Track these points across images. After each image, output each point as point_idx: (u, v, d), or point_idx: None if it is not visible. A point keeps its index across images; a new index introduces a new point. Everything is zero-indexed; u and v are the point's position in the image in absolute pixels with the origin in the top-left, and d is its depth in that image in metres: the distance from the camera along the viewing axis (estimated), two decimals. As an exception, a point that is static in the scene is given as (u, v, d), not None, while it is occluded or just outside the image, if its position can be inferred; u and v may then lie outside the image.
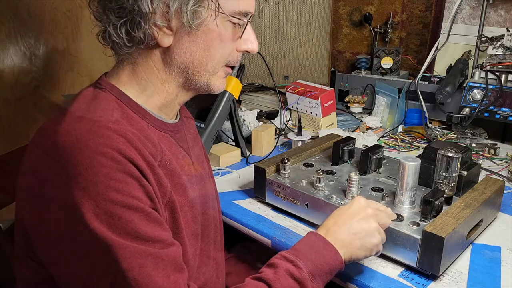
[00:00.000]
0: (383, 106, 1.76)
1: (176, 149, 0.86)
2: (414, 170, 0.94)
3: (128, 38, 0.77)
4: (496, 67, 1.56)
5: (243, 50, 0.85)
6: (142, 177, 0.71)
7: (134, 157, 0.70)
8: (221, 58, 0.82)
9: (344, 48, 2.19)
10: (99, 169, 0.67)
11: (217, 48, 0.80)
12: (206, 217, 0.92)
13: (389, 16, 1.99)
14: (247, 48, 0.85)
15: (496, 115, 1.51)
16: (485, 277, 0.89)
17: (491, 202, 1.03)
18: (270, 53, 1.88)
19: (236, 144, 1.49)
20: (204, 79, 0.83)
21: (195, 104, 1.42)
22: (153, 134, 0.80)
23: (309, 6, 1.88)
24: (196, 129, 1.02)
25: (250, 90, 1.91)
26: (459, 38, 1.80)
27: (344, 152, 1.20)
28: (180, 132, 0.89)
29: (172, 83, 0.83)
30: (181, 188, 0.82)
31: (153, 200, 0.73)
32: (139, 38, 0.76)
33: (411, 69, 1.99)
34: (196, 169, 0.91)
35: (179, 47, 0.79)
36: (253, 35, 0.86)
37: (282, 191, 1.10)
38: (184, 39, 0.78)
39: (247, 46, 0.85)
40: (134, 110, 0.80)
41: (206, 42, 0.79)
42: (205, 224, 0.91)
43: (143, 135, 0.77)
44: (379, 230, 0.86)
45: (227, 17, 0.79)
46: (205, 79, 0.83)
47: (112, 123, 0.72)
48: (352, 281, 0.89)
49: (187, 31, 0.77)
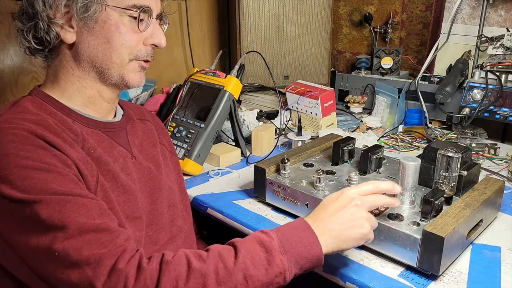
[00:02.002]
0: (383, 106, 1.77)
1: (109, 142, 0.92)
2: (414, 170, 0.94)
3: (36, 41, 0.86)
4: (496, 67, 1.56)
5: (149, 44, 0.91)
6: (56, 149, 0.77)
7: (46, 135, 0.77)
8: (124, 50, 0.88)
9: (344, 48, 2.19)
10: (8, 144, 0.74)
11: (117, 40, 0.87)
12: (156, 207, 0.96)
13: (389, 16, 1.99)
14: (153, 42, 0.91)
15: (496, 115, 1.51)
16: (485, 277, 0.89)
17: (491, 202, 1.03)
18: (270, 53, 1.88)
19: (236, 144, 1.49)
20: (116, 72, 0.89)
21: (195, 104, 1.42)
22: (78, 129, 0.86)
23: (309, 6, 1.88)
24: (153, 130, 1.07)
25: (250, 90, 1.91)
26: (459, 38, 1.80)
27: (344, 152, 1.20)
28: (117, 131, 0.96)
29: (87, 79, 0.90)
30: (109, 174, 0.87)
31: (71, 167, 0.77)
32: (45, 39, 0.85)
33: (411, 69, 1.99)
34: (140, 163, 0.97)
35: (82, 42, 0.86)
36: (158, 30, 0.92)
37: (282, 191, 1.10)
38: (85, 34, 0.86)
39: (153, 40, 0.91)
40: (58, 108, 0.87)
41: (105, 34, 0.86)
42: (153, 214, 0.95)
43: (64, 126, 0.84)
44: (369, 219, 0.84)
45: (120, 10, 0.85)
46: (116, 72, 0.89)
47: (29, 115, 0.81)
48: (352, 281, 0.89)
49: (85, 26, 0.85)
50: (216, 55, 1.56)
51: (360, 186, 0.86)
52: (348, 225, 0.82)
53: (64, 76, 0.90)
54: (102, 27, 0.85)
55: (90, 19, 0.84)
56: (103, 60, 0.88)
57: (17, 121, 0.78)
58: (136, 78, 0.92)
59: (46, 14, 0.83)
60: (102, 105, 0.94)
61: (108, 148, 0.91)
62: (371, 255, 0.96)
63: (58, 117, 0.86)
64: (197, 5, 2.05)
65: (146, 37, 0.90)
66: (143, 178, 0.96)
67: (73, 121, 0.87)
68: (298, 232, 0.80)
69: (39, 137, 0.76)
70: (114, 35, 0.86)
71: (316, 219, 0.83)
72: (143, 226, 0.91)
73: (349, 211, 0.83)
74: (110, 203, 0.83)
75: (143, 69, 0.93)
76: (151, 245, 0.93)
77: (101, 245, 0.71)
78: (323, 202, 0.86)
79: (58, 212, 0.71)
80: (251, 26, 1.84)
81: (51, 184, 0.73)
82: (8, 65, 1.53)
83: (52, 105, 0.87)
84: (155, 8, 0.90)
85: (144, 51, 0.91)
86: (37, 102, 0.87)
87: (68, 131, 0.84)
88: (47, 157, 0.75)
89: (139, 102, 1.62)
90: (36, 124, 0.79)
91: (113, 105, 0.98)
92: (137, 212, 0.90)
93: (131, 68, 0.91)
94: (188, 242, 1.04)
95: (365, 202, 0.84)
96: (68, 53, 0.88)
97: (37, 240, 0.72)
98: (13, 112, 0.82)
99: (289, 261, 0.76)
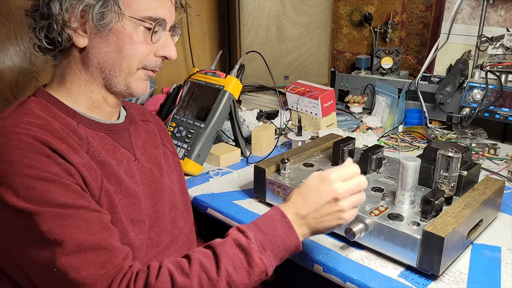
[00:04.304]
0: (383, 106, 1.76)
1: (112, 145, 0.92)
2: (414, 170, 0.94)
3: (47, 41, 0.86)
4: (496, 67, 1.56)
5: (160, 55, 0.91)
6: (59, 157, 0.77)
7: (51, 141, 0.77)
8: (135, 60, 0.88)
9: (344, 48, 2.19)
10: (13, 151, 0.74)
11: (128, 50, 0.87)
12: (157, 209, 0.96)
13: (389, 16, 1.99)
14: (163, 54, 0.91)
15: (496, 115, 1.51)
16: (485, 277, 0.89)
17: (491, 202, 1.03)
18: (270, 53, 1.88)
19: (236, 144, 1.49)
20: (122, 80, 0.89)
21: (195, 104, 1.42)
22: (82, 131, 0.86)
23: (309, 6, 1.88)
24: (155, 131, 1.07)
25: (250, 90, 1.92)
26: (459, 38, 1.80)
27: (344, 152, 1.20)
28: (120, 133, 0.96)
29: (94, 83, 0.90)
30: (113, 178, 0.87)
31: (74, 176, 0.77)
32: (57, 40, 0.85)
33: (411, 69, 1.99)
34: (143, 165, 0.97)
35: (94, 48, 0.86)
36: (170, 42, 0.92)
37: (282, 191, 1.10)
38: (97, 40, 0.86)
39: (164, 52, 0.91)
40: (63, 111, 0.87)
41: (117, 43, 0.86)
42: (155, 216, 0.95)
43: (69, 129, 0.84)
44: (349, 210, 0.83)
45: (136, 21, 0.86)
46: (123, 80, 0.89)
47: (35, 119, 0.80)
48: (352, 281, 0.89)
49: (99, 32, 0.85)
50: (216, 55, 1.56)
51: (343, 169, 0.85)
52: (327, 217, 0.83)
53: (71, 78, 0.89)
54: (115, 35, 0.85)
55: (105, 27, 0.84)
56: (112, 67, 0.88)
57: (22, 125, 0.77)
58: (141, 87, 0.92)
59: (61, 17, 0.83)
60: (106, 109, 0.94)
61: (112, 150, 0.91)
62: (371, 255, 0.96)
63: (63, 120, 0.85)
64: (197, 5, 2.05)
65: (157, 48, 0.90)
66: (146, 180, 0.96)
67: (77, 124, 0.87)
68: (274, 224, 0.82)
69: (44, 144, 0.76)
70: (127, 44, 0.86)
71: (294, 209, 0.84)
72: (146, 229, 0.91)
73: (329, 207, 0.83)
74: (114, 207, 0.83)
75: (149, 77, 0.93)
76: (153, 247, 0.93)
77: (98, 265, 0.73)
78: (303, 189, 0.86)
79: (59, 227, 0.72)
80: (251, 26, 1.84)
81: (54, 195, 0.73)
82: (8, 65, 1.53)
83: (57, 107, 0.87)
84: (169, 20, 0.90)
85: (153, 62, 0.91)
86: (43, 104, 0.86)
87: (72, 134, 0.83)
88: (50, 166, 0.75)
89: (139, 102, 1.62)
90: (41, 128, 0.78)
91: (117, 109, 0.98)
92: (140, 215, 0.90)
93: (138, 77, 0.90)
94: (188, 243, 1.04)
95: (348, 200, 0.83)
96: (78, 56, 0.88)
97: (37, 253, 0.73)
98: (19, 114, 0.81)
99: (268, 258, 0.79)
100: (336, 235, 1.02)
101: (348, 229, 0.93)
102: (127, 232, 0.85)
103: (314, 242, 1.00)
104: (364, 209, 0.97)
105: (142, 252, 0.89)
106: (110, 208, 0.83)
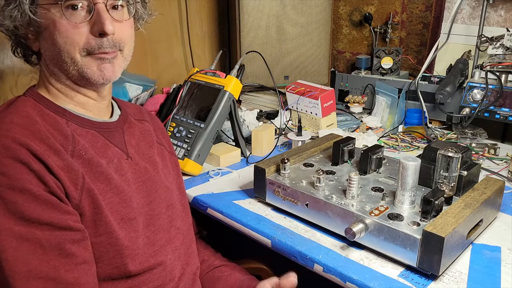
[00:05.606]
0: (383, 106, 1.76)
1: (103, 143, 0.91)
2: (414, 170, 0.94)
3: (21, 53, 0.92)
4: (496, 67, 1.56)
5: (95, 32, 0.84)
6: (35, 162, 0.76)
7: (29, 143, 0.76)
8: (70, 47, 0.84)
9: (344, 48, 2.19)
10: None
11: (59, 38, 0.84)
12: (153, 207, 0.96)
13: (389, 16, 1.99)
14: (97, 30, 0.84)
15: (496, 115, 1.51)
16: (485, 277, 0.89)
17: (491, 202, 1.03)
18: (270, 53, 1.88)
19: (236, 144, 1.49)
20: (73, 71, 0.87)
21: (195, 104, 1.42)
22: (70, 130, 0.86)
23: (309, 6, 1.88)
24: (150, 130, 1.06)
25: (250, 90, 1.91)
26: (459, 38, 1.80)
27: (344, 152, 1.20)
28: (113, 131, 0.95)
29: (61, 80, 0.90)
30: (101, 176, 0.86)
31: (48, 184, 0.76)
32: (25, 49, 0.90)
33: (411, 69, 1.99)
34: (137, 163, 0.97)
35: (42, 48, 0.88)
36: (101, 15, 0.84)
37: (282, 191, 1.10)
38: (41, 40, 0.88)
39: (96, 28, 0.84)
40: (52, 109, 0.87)
41: (50, 37, 0.85)
42: (151, 214, 0.95)
43: (54, 128, 0.84)
44: None
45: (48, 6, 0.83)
46: (74, 70, 0.87)
47: (18, 118, 0.80)
48: (352, 281, 0.89)
49: (40, 32, 0.86)
50: (216, 55, 1.56)
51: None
52: None
53: (48, 80, 0.91)
54: (47, 30, 0.85)
55: (34, 25, 0.85)
56: (57, 61, 0.87)
57: (3, 125, 0.78)
58: (96, 73, 0.87)
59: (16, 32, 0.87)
60: (90, 103, 0.93)
61: (103, 149, 0.91)
62: (371, 255, 0.96)
63: (50, 119, 0.85)
64: (197, 5, 2.05)
65: (90, 27, 0.84)
66: (140, 178, 0.96)
67: (66, 122, 0.87)
68: None
69: (23, 145, 0.76)
70: (56, 34, 0.84)
71: None
72: (139, 227, 0.91)
73: None
74: (98, 208, 0.83)
75: (104, 60, 0.87)
76: (150, 246, 0.93)
77: None
78: None
79: (14, 249, 0.72)
80: (251, 26, 1.84)
81: (21, 207, 0.73)
82: (8, 65, 1.53)
83: (46, 106, 0.87)
84: None
85: (94, 43, 0.84)
86: (31, 102, 0.87)
87: (57, 134, 0.83)
88: (23, 173, 0.74)
89: (139, 102, 1.62)
90: (23, 128, 0.78)
91: (104, 103, 0.96)
92: (131, 214, 0.90)
93: (86, 65, 0.86)
94: (186, 243, 1.04)
95: None
96: (42, 59, 0.91)
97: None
98: (5, 113, 0.82)
99: None
100: (336, 235, 1.02)
101: (348, 229, 0.93)
102: (113, 232, 0.84)
103: (314, 242, 1.01)
104: (364, 209, 0.97)
105: (136, 250, 0.88)
106: (93, 209, 0.82)
